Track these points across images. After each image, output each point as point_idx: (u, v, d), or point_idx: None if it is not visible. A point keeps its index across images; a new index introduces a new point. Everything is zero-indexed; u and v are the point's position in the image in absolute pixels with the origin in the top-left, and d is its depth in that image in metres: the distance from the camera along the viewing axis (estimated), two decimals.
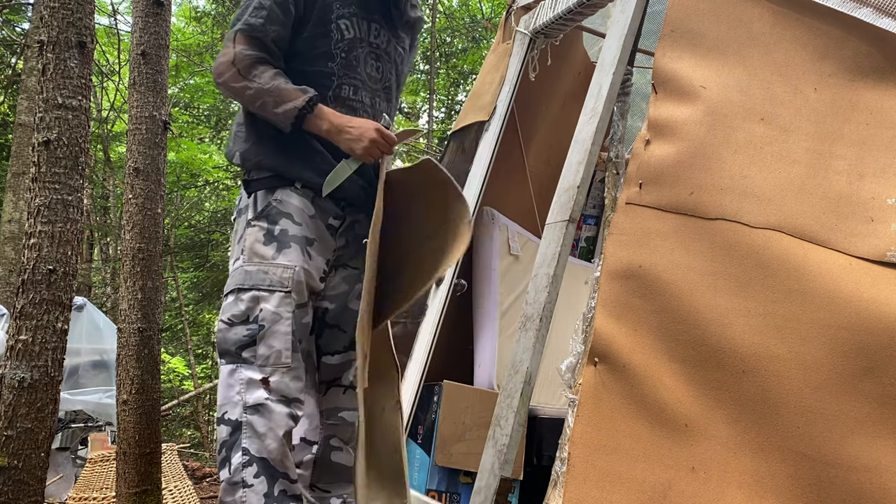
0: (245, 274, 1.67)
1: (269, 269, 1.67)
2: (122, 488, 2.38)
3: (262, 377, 1.63)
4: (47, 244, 1.88)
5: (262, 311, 1.65)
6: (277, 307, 1.66)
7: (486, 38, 8.64)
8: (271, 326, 1.64)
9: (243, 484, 1.58)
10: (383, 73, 1.88)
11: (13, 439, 1.79)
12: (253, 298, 1.65)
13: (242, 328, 1.64)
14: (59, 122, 1.92)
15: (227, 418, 1.61)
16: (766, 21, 1.61)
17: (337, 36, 1.77)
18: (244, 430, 1.60)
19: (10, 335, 1.86)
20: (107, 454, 3.43)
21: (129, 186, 2.49)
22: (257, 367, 1.63)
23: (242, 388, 1.62)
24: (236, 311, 1.65)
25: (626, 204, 1.57)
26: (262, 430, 1.60)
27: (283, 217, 1.71)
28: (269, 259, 1.68)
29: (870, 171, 1.41)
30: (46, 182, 1.90)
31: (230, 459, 1.59)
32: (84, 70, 1.97)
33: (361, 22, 1.82)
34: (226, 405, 1.62)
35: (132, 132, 2.50)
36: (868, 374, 1.26)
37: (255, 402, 1.61)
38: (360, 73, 1.82)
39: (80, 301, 4.19)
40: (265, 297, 1.65)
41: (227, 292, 1.70)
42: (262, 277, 1.66)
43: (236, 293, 1.67)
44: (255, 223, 1.71)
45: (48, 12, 1.93)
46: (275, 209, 1.71)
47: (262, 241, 1.69)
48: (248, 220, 1.72)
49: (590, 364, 1.48)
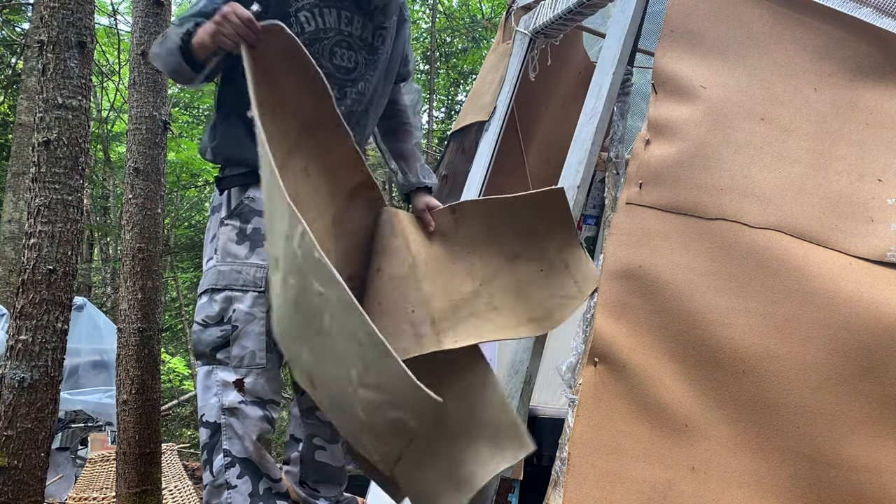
0: (218, 274, 1.65)
1: (241, 269, 1.65)
2: (122, 488, 2.38)
3: (236, 378, 1.62)
4: (47, 244, 1.88)
5: (235, 311, 1.63)
6: (251, 307, 1.64)
7: (486, 38, 8.64)
8: (244, 327, 1.63)
9: (227, 485, 1.58)
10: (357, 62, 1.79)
11: (13, 439, 1.79)
12: (226, 299, 1.63)
13: (216, 329, 1.63)
14: (59, 122, 1.92)
15: (205, 420, 1.62)
16: (766, 21, 1.61)
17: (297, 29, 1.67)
18: (224, 431, 1.60)
19: (10, 335, 1.85)
20: (107, 454, 3.43)
21: (129, 186, 2.49)
22: (232, 369, 1.62)
23: (219, 389, 1.61)
24: (210, 312, 1.64)
25: (626, 204, 1.57)
26: (240, 432, 1.60)
27: (255, 215, 1.68)
28: (242, 258, 1.66)
29: (870, 171, 1.41)
30: (46, 182, 1.90)
31: (212, 461, 1.59)
32: (84, 70, 1.97)
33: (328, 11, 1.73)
34: (204, 407, 1.62)
35: (132, 132, 2.50)
36: (868, 374, 1.26)
37: (230, 405, 1.60)
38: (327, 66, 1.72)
39: (80, 301, 4.19)
40: (238, 297, 1.63)
41: (200, 292, 1.68)
42: (235, 277, 1.64)
43: (210, 293, 1.65)
44: (227, 222, 1.68)
45: (48, 12, 1.93)
46: (247, 207, 1.69)
47: (234, 241, 1.67)
48: (222, 219, 1.69)
49: (590, 364, 1.48)
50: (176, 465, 3.46)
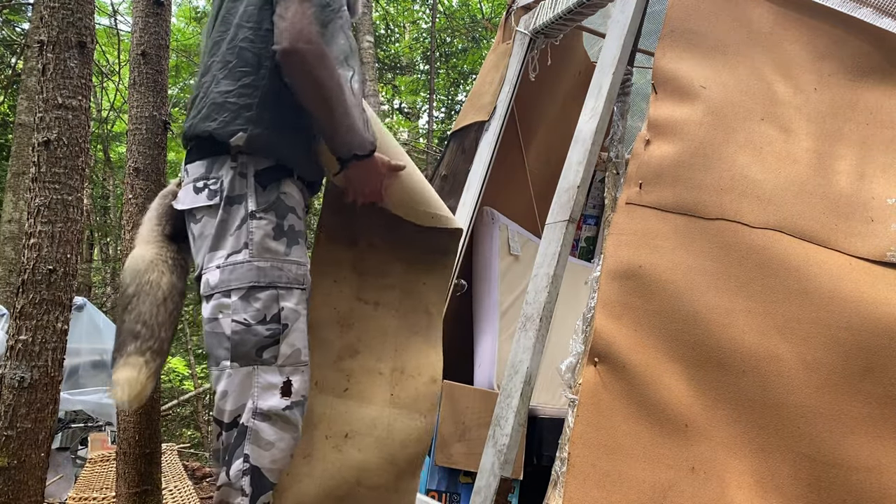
0: (258, 270, 1.58)
1: (282, 266, 1.60)
2: (122, 488, 2.38)
3: (283, 380, 1.58)
4: (47, 244, 1.88)
5: (283, 308, 1.59)
6: (297, 305, 1.61)
7: (486, 38, 8.65)
8: (293, 324, 1.60)
9: (242, 492, 1.56)
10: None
11: (13, 439, 1.79)
12: (271, 296, 1.58)
13: (262, 328, 1.57)
14: (59, 122, 1.91)
15: (235, 422, 1.57)
16: (767, 21, 1.61)
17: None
18: (248, 435, 1.56)
19: (10, 335, 1.85)
20: (107, 454, 3.43)
21: (129, 186, 2.49)
22: (277, 368, 1.58)
23: (258, 392, 1.57)
24: (252, 311, 1.57)
25: (626, 204, 1.57)
26: (270, 438, 1.56)
27: (289, 211, 1.64)
28: (282, 255, 1.61)
29: (870, 171, 1.41)
30: (46, 182, 1.90)
31: (231, 464, 1.57)
32: (84, 70, 1.97)
33: None
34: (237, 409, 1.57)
35: (132, 132, 2.50)
36: (868, 374, 1.26)
37: (269, 410, 1.56)
38: None
39: (80, 301, 4.19)
40: (284, 294, 1.59)
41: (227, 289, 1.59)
42: (277, 274, 1.59)
43: (249, 291, 1.58)
44: (261, 215, 1.61)
45: (48, 12, 1.93)
46: (282, 203, 1.63)
47: (271, 236, 1.61)
48: (251, 211, 1.61)
49: (590, 364, 1.48)
50: (176, 465, 3.46)
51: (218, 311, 1.58)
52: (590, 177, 1.86)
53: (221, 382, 1.58)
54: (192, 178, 1.65)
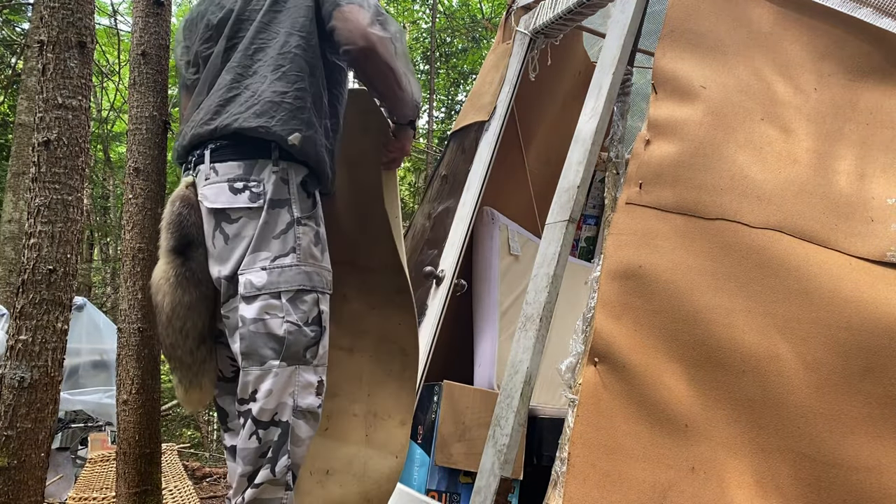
0: (306, 275, 1.67)
1: (321, 272, 1.70)
2: (122, 488, 2.38)
3: (318, 380, 1.67)
4: (47, 244, 1.88)
5: (322, 312, 1.69)
6: (328, 308, 1.72)
7: (486, 38, 8.65)
8: (328, 327, 1.71)
9: (287, 486, 1.63)
10: None
11: (13, 439, 1.79)
12: (315, 300, 1.68)
13: (309, 329, 1.66)
14: (59, 122, 1.91)
15: (277, 420, 1.62)
16: (767, 21, 1.61)
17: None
18: (291, 433, 1.63)
19: (10, 335, 1.85)
20: (107, 454, 3.42)
21: (129, 186, 2.49)
22: (313, 368, 1.66)
23: (298, 390, 1.64)
24: (300, 313, 1.65)
25: (626, 204, 1.57)
26: (303, 435, 1.64)
27: (321, 220, 1.74)
28: (320, 261, 1.71)
29: (870, 171, 1.41)
30: (46, 182, 1.90)
31: (277, 460, 1.61)
32: (84, 70, 1.96)
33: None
34: (278, 407, 1.62)
35: (132, 132, 2.50)
36: (868, 374, 1.26)
37: (307, 407, 1.64)
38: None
39: (80, 301, 4.19)
40: (321, 298, 1.69)
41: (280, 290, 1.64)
42: (318, 279, 1.69)
43: (297, 294, 1.65)
44: (306, 223, 1.69)
45: (48, 12, 1.93)
46: (318, 211, 1.74)
47: (314, 243, 1.70)
48: (297, 218, 1.67)
49: (590, 364, 1.48)
50: (176, 465, 3.46)
51: (265, 312, 1.62)
52: (590, 177, 1.86)
53: (266, 381, 1.61)
54: (225, 178, 1.67)
